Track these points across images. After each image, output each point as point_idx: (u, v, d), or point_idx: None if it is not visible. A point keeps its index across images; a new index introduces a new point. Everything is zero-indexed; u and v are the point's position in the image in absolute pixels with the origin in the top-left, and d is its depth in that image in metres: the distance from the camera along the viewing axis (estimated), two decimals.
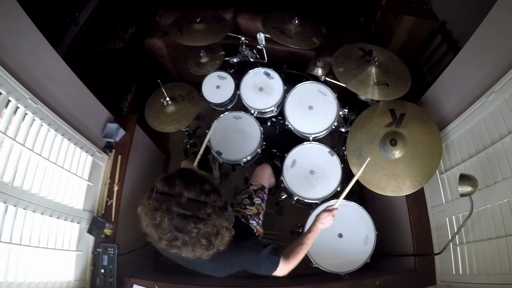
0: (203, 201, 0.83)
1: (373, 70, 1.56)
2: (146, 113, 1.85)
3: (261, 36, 1.85)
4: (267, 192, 1.70)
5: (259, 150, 1.83)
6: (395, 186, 1.42)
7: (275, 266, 1.14)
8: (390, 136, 1.46)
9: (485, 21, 1.35)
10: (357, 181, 1.49)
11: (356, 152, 1.53)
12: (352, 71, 1.58)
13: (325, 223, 1.28)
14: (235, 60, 2.07)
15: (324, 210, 1.31)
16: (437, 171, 1.55)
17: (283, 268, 1.17)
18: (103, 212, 1.74)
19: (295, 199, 1.73)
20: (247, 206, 1.55)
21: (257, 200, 1.59)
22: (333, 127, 1.81)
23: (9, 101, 1.20)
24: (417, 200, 1.69)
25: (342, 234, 1.61)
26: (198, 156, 1.42)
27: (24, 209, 1.24)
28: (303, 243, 1.25)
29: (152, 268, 2.13)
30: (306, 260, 1.62)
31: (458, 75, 1.58)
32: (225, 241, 0.90)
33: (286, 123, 1.84)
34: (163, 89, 1.75)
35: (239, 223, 1.42)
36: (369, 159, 1.32)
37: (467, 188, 1.17)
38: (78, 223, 1.57)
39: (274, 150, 2.03)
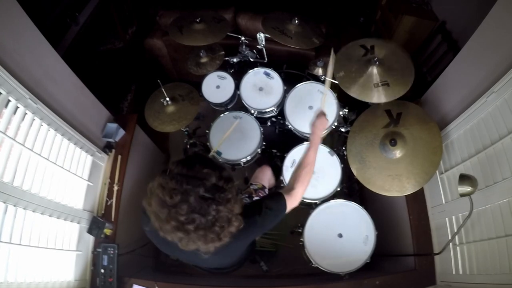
0: (223, 187, 0.83)
1: (374, 70, 1.56)
2: (146, 113, 1.85)
3: (261, 36, 1.85)
4: (267, 192, 1.70)
5: (259, 150, 1.83)
6: (399, 186, 1.42)
7: (283, 208, 1.08)
8: (389, 137, 1.46)
9: (485, 21, 1.35)
10: (357, 181, 1.50)
11: (357, 156, 1.53)
12: (352, 75, 1.57)
13: (321, 128, 1.22)
14: (235, 60, 2.07)
15: (316, 118, 1.25)
16: (437, 171, 1.55)
17: (293, 201, 1.11)
18: (103, 212, 1.74)
19: None
20: None
21: (256, 200, 1.59)
22: (333, 127, 1.81)
23: (9, 101, 1.20)
24: (417, 200, 1.69)
25: (342, 234, 1.61)
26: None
27: (24, 209, 1.24)
28: (307, 163, 1.18)
29: (152, 268, 2.13)
30: (306, 260, 1.62)
31: (458, 75, 1.58)
32: (231, 231, 0.87)
33: (286, 123, 1.84)
34: (163, 89, 1.75)
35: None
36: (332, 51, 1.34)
37: (467, 188, 1.17)
38: (78, 223, 1.57)
39: (274, 150, 2.03)
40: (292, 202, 1.10)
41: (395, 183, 1.42)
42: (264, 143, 1.85)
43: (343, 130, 1.88)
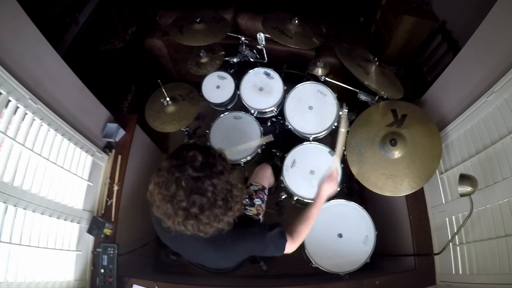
0: (213, 162, 0.85)
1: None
2: (146, 113, 1.85)
3: (261, 36, 1.85)
4: (267, 193, 1.69)
5: (259, 150, 1.83)
6: (392, 186, 1.42)
7: (282, 248, 1.13)
8: (390, 136, 1.46)
9: (485, 21, 1.35)
10: (358, 181, 1.50)
11: (356, 150, 1.53)
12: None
13: (329, 190, 1.25)
14: (235, 60, 2.07)
15: (326, 179, 1.27)
16: (437, 171, 1.55)
17: (290, 247, 1.16)
18: (103, 212, 1.74)
19: (295, 199, 1.73)
20: (246, 207, 1.55)
21: (257, 201, 1.59)
22: (333, 127, 1.81)
23: (9, 101, 1.20)
24: (417, 200, 1.69)
25: (342, 234, 1.61)
26: None
27: (24, 209, 1.24)
28: (308, 217, 1.21)
29: (152, 268, 2.14)
30: (306, 260, 1.62)
31: (458, 75, 1.58)
32: (240, 202, 0.89)
33: (286, 123, 1.84)
34: (163, 89, 1.75)
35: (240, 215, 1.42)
36: (346, 109, 1.34)
37: (467, 188, 1.17)
38: (78, 223, 1.57)
39: (274, 150, 2.03)
40: (288, 250, 1.15)
41: (389, 182, 1.42)
42: (264, 143, 1.85)
43: (343, 130, 1.88)
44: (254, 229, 1.11)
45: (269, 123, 2.01)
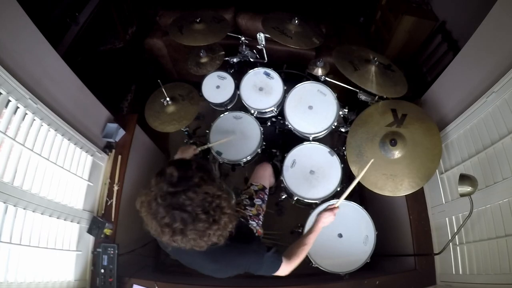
0: (190, 175, 0.84)
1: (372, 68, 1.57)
2: (146, 113, 1.85)
3: (261, 36, 1.85)
4: (267, 193, 1.69)
5: (259, 150, 1.83)
6: (392, 186, 1.42)
7: (276, 268, 1.16)
8: (390, 136, 1.46)
9: (485, 21, 1.35)
10: (358, 181, 1.49)
11: (356, 150, 1.53)
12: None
13: (326, 222, 1.31)
14: (235, 60, 2.07)
15: (326, 210, 1.33)
16: (437, 171, 1.55)
17: (285, 269, 1.19)
18: (103, 212, 1.74)
19: (295, 199, 1.73)
20: (247, 207, 1.55)
21: (257, 201, 1.59)
22: (333, 127, 1.81)
23: (9, 101, 1.20)
24: (417, 200, 1.69)
25: (342, 234, 1.61)
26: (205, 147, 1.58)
27: (24, 209, 1.24)
28: (305, 244, 1.26)
29: (152, 268, 2.14)
30: (306, 260, 1.62)
31: (458, 75, 1.58)
32: (227, 213, 0.87)
33: (286, 123, 1.84)
34: (163, 89, 1.75)
35: (240, 224, 1.43)
36: (372, 160, 1.33)
37: (467, 188, 1.17)
38: (78, 223, 1.57)
39: (274, 150, 2.03)
40: (283, 272, 1.20)
41: (389, 182, 1.42)
42: (264, 143, 1.85)
43: (343, 130, 1.88)
44: (253, 246, 1.13)
45: (269, 123, 2.01)
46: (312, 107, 1.84)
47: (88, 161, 1.69)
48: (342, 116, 1.86)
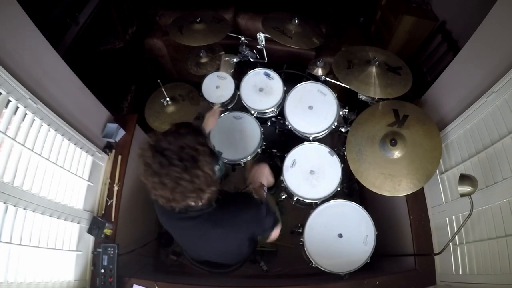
0: (181, 131, 0.93)
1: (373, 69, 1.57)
2: (146, 113, 1.85)
3: (261, 36, 1.85)
4: (266, 191, 1.69)
5: (259, 150, 1.83)
6: (391, 186, 1.42)
7: (277, 222, 1.22)
8: (390, 136, 1.46)
9: (485, 21, 1.35)
10: (357, 181, 1.49)
11: (355, 148, 1.53)
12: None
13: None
14: (235, 60, 2.07)
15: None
16: (437, 171, 1.55)
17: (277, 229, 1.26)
18: (103, 212, 1.74)
19: (295, 199, 1.73)
20: None
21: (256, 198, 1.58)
22: (333, 127, 1.81)
23: (9, 101, 1.20)
24: (417, 200, 1.69)
25: (342, 234, 1.61)
26: None
27: (24, 209, 1.24)
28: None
29: (152, 268, 2.13)
30: (306, 260, 1.62)
31: (458, 75, 1.58)
32: (202, 170, 0.90)
33: (286, 123, 1.84)
34: (163, 89, 1.75)
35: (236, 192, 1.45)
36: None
37: (467, 188, 1.17)
38: (78, 223, 1.57)
39: (274, 150, 2.03)
40: (278, 229, 1.27)
41: (387, 182, 1.42)
42: (264, 143, 1.85)
43: (343, 130, 1.88)
44: (252, 199, 1.15)
45: (269, 123, 2.01)
46: (312, 107, 1.84)
47: (88, 161, 1.69)
48: (342, 116, 1.86)
